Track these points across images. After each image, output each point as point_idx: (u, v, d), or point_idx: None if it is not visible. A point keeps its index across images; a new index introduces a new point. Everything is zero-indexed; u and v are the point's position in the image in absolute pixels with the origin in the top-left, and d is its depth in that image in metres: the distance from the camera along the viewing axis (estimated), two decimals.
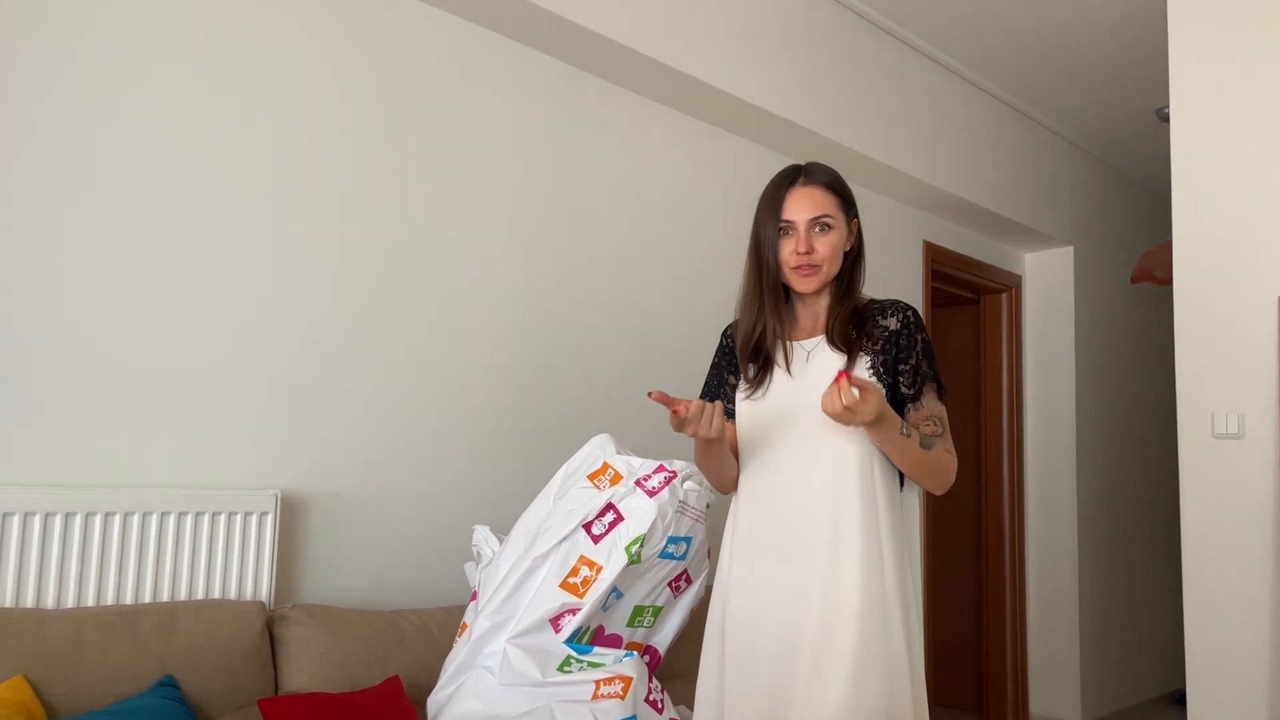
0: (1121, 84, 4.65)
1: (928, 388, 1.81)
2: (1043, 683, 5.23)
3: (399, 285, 2.74)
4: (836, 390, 1.57)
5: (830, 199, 1.82)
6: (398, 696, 2.10)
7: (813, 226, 1.80)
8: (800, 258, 1.79)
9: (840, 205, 1.84)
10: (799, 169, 1.85)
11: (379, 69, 2.74)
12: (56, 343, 2.15)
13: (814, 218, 1.80)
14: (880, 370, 1.81)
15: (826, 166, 1.87)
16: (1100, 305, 5.59)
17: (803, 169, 1.85)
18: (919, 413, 1.80)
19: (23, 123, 2.13)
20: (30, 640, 1.88)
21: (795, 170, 1.85)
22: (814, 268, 1.80)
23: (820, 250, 1.80)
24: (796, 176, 1.83)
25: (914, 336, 1.83)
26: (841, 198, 1.85)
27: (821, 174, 1.84)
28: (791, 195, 1.81)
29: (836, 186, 1.85)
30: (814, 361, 1.83)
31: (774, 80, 3.60)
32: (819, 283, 1.82)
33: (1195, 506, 3.20)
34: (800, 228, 1.80)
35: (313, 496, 2.54)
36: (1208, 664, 3.12)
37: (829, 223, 1.81)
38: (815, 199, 1.81)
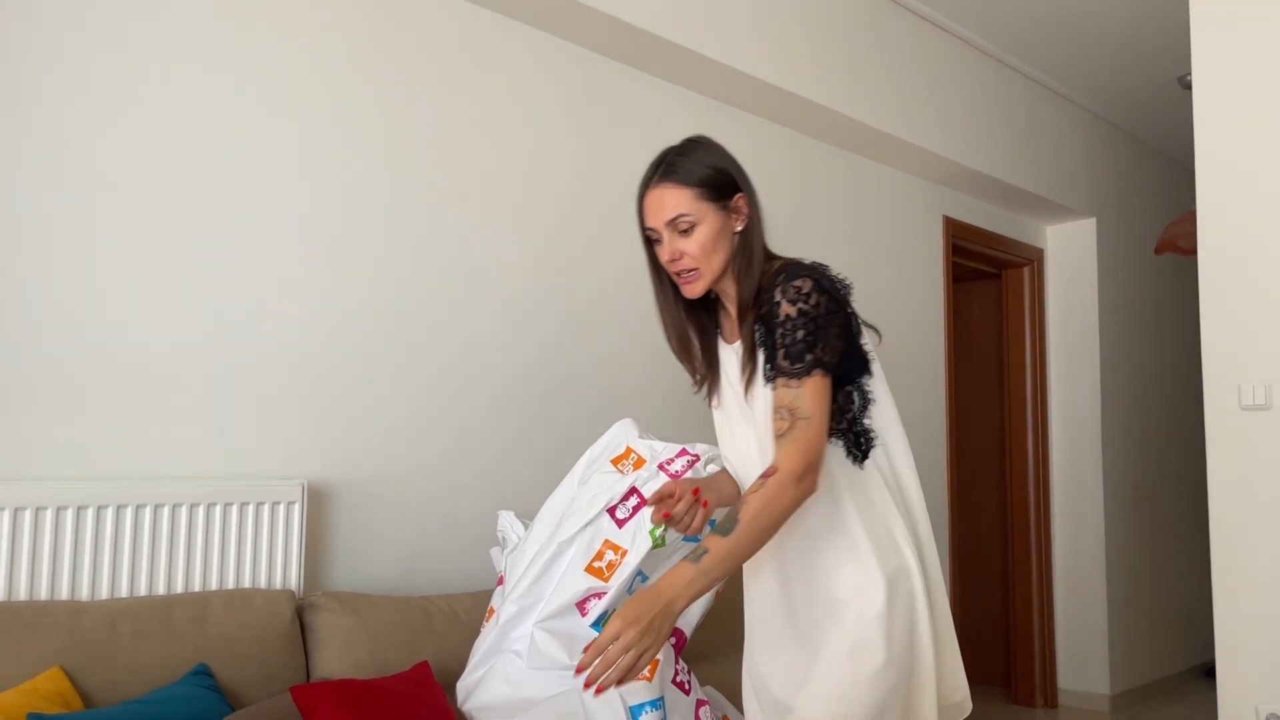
0: (1142, 52, 4.59)
1: (778, 382, 1.56)
2: (1070, 657, 5.22)
3: (422, 275, 2.75)
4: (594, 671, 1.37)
5: (683, 194, 1.62)
6: (428, 681, 2.13)
7: (674, 231, 1.63)
8: (671, 265, 1.65)
9: (701, 195, 1.63)
10: (658, 163, 1.66)
11: (396, 56, 2.74)
12: (84, 338, 2.17)
13: (670, 221, 1.62)
14: (767, 370, 1.62)
15: (690, 147, 1.67)
16: (1124, 277, 5.54)
17: (661, 163, 1.66)
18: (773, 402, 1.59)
19: (46, 118, 2.14)
20: (66, 632, 1.91)
21: (654, 166, 1.67)
22: (692, 271, 1.64)
23: (689, 251, 1.62)
24: (651, 176, 1.66)
25: (774, 320, 1.58)
26: (702, 185, 1.63)
27: (672, 167, 1.64)
28: (646, 200, 1.65)
29: (694, 176, 1.63)
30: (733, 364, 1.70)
31: (791, 58, 3.57)
32: (704, 285, 1.65)
33: (1222, 478, 3.18)
34: (663, 233, 1.64)
35: (339, 485, 2.56)
36: (1237, 636, 3.10)
37: (689, 221, 1.62)
38: (665, 200, 1.62)
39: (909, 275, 4.49)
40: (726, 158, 1.69)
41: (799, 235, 3.93)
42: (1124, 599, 5.30)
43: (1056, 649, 5.24)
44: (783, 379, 1.55)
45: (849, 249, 4.17)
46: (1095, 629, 5.16)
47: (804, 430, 1.52)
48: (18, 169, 2.11)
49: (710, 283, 1.66)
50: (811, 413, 1.53)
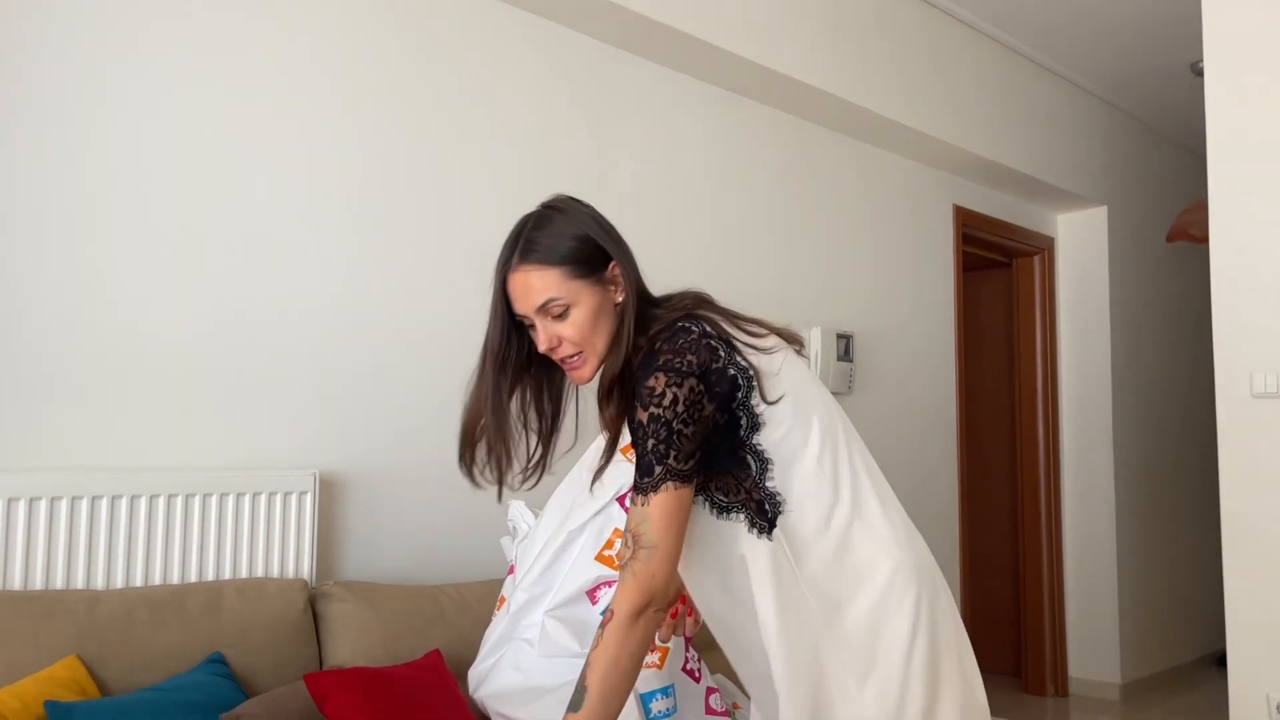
0: (1154, 38, 4.56)
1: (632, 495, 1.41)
2: (1081, 646, 5.22)
3: (432, 265, 2.76)
4: None
5: (551, 274, 1.45)
6: (439, 669, 2.14)
7: (546, 316, 1.46)
8: (551, 353, 1.49)
9: (570, 273, 1.46)
10: (516, 237, 1.50)
11: (408, 50, 2.74)
12: (99, 330, 2.19)
13: (540, 307, 1.46)
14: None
15: (550, 216, 1.51)
16: (1135, 265, 5.52)
17: (519, 237, 1.50)
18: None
19: (64, 110, 2.16)
20: (83, 620, 1.93)
21: (512, 240, 1.50)
22: (575, 357, 1.48)
23: (568, 336, 1.46)
24: (510, 255, 1.49)
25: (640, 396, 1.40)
26: (568, 263, 1.46)
27: (531, 245, 1.47)
28: (509, 285, 1.48)
29: (556, 253, 1.46)
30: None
31: (801, 48, 3.57)
32: (592, 369, 1.49)
33: (1233, 466, 3.17)
34: (535, 320, 1.47)
35: (351, 476, 2.58)
36: (1248, 625, 3.10)
37: (561, 305, 1.45)
38: (530, 284, 1.45)
39: (919, 264, 4.48)
40: (591, 222, 1.52)
41: (810, 225, 3.93)
42: (1135, 588, 5.29)
43: (1067, 638, 5.24)
44: (636, 493, 1.40)
45: (859, 238, 4.17)
46: (1106, 618, 5.15)
47: (644, 562, 1.36)
48: (35, 160, 2.12)
49: (599, 363, 1.49)
50: (657, 540, 1.36)
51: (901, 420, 4.34)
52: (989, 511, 5.48)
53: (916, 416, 4.43)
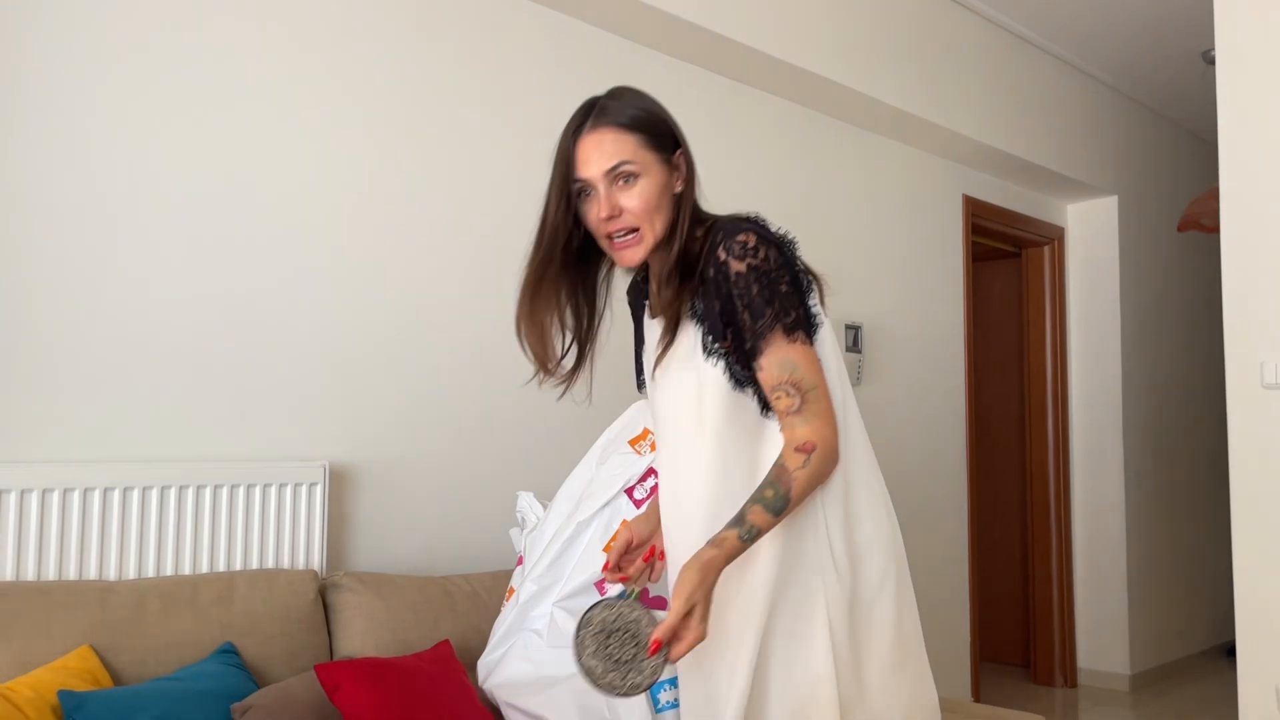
0: (1165, 26, 4.54)
1: (766, 342, 1.40)
2: (1091, 636, 5.22)
3: (443, 259, 2.77)
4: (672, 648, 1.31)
5: (628, 139, 1.42)
6: (449, 660, 2.15)
7: (614, 181, 1.43)
8: (608, 223, 1.44)
9: (645, 143, 1.44)
10: (589, 108, 1.47)
11: (417, 40, 2.74)
12: (110, 322, 2.20)
13: (610, 168, 1.42)
14: (708, 340, 1.45)
15: (626, 94, 1.48)
16: (1146, 255, 5.50)
17: (594, 107, 1.46)
18: (767, 381, 1.42)
19: (70, 101, 2.17)
20: (95, 611, 1.95)
21: (585, 110, 1.47)
22: (632, 234, 1.44)
23: (631, 207, 1.43)
24: (584, 120, 1.45)
25: (725, 284, 1.41)
26: (645, 132, 1.44)
27: (614, 111, 1.44)
28: (579, 147, 1.44)
29: (636, 121, 1.44)
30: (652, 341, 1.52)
31: (809, 37, 3.56)
32: (644, 252, 1.45)
33: (1244, 457, 3.16)
34: (599, 185, 1.43)
35: (361, 467, 2.59)
36: (1258, 615, 3.10)
37: (631, 170, 1.42)
38: (607, 144, 1.42)
39: (928, 254, 4.47)
40: (663, 108, 1.51)
41: (817, 214, 3.92)
42: (1144, 578, 5.29)
43: (1076, 628, 5.24)
44: (762, 341, 1.41)
45: (868, 228, 4.16)
46: (1115, 608, 5.15)
47: (818, 400, 1.40)
48: (41, 152, 2.13)
49: (651, 249, 1.46)
50: (815, 380, 1.41)
51: (910, 411, 4.33)
52: (998, 502, 5.48)
53: (925, 407, 4.42)
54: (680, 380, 1.47)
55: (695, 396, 1.46)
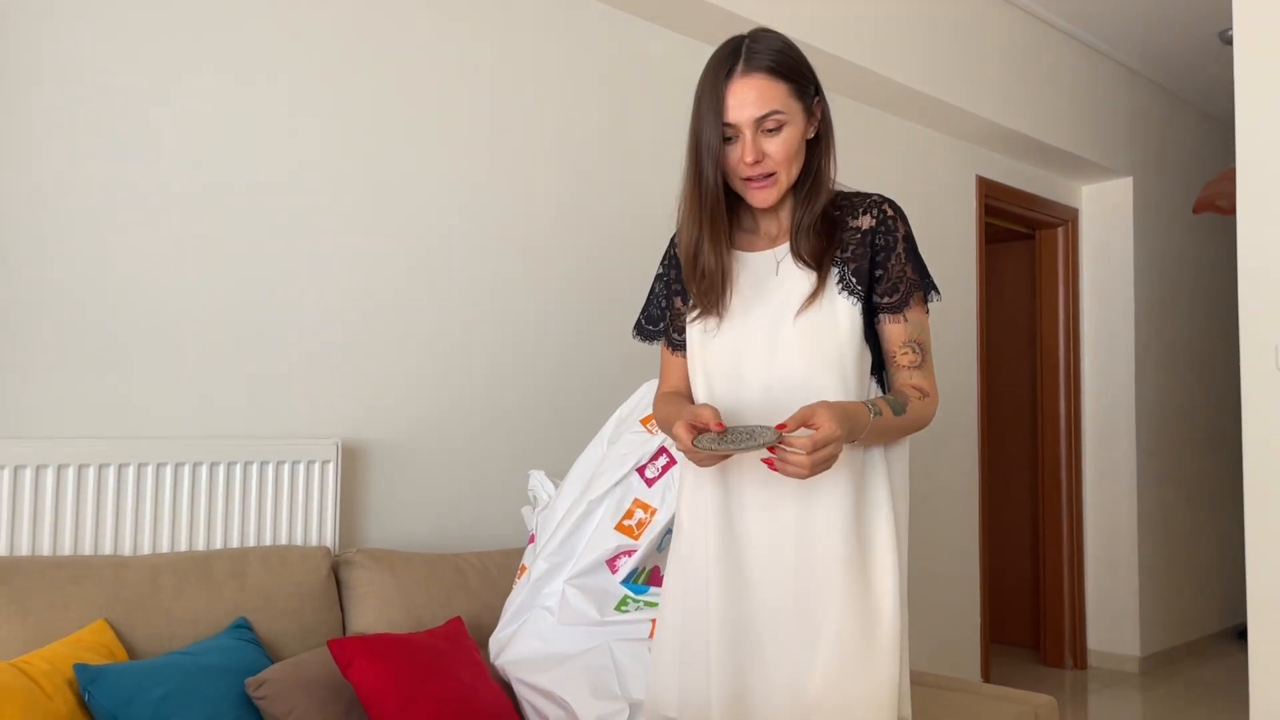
0: (1182, 6, 4.49)
1: (914, 299, 1.54)
2: (1101, 618, 5.22)
3: (453, 236, 2.77)
4: (786, 456, 1.36)
5: (778, 87, 1.47)
6: (461, 636, 2.16)
7: (760, 127, 1.48)
8: (750, 168, 1.49)
9: (793, 91, 1.49)
10: (736, 49, 1.49)
11: (423, 12, 2.73)
12: (124, 298, 2.21)
13: (760, 116, 1.47)
14: (852, 282, 1.53)
15: (771, 38, 1.51)
16: (1161, 237, 5.46)
17: (741, 49, 1.49)
18: (897, 335, 1.54)
19: (70, 76, 2.17)
20: (110, 586, 1.96)
21: (733, 52, 1.49)
22: (769, 177, 1.50)
23: (774, 154, 1.48)
24: (735, 63, 1.48)
25: (893, 235, 1.53)
26: (793, 80, 1.49)
27: (764, 55, 1.48)
28: (730, 91, 1.47)
29: (785, 68, 1.48)
30: (783, 276, 1.54)
31: (822, 15, 3.53)
32: (778, 194, 1.52)
33: (1257, 440, 3.14)
34: (745, 131, 1.47)
35: (373, 445, 2.59)
36: (1269, 598, 3.09)
37: (780, 120, 1.48)
38: (759, 92, 1.46)
39: (941, 236, 4.45)
40: (804, 55, 1.54)
41: None
42: (1155, 560, 5.28)
43: (1086, 610, 5.24)
44: (918, 294, 1.54)
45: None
46: (1126, 590, 5.14)
47: (930, 364, 1.57)
48: (42, 126, 2.13)
49: (783, 193, 1.53)
50: (929, 346, 1.58)
51: None
52: (1009, 483, 5.47)
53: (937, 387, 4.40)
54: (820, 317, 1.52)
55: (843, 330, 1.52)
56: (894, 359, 1.55)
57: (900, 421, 1.50)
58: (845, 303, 1.52)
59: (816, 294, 1.51)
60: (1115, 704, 4.60)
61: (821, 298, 1.51)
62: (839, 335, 1.51)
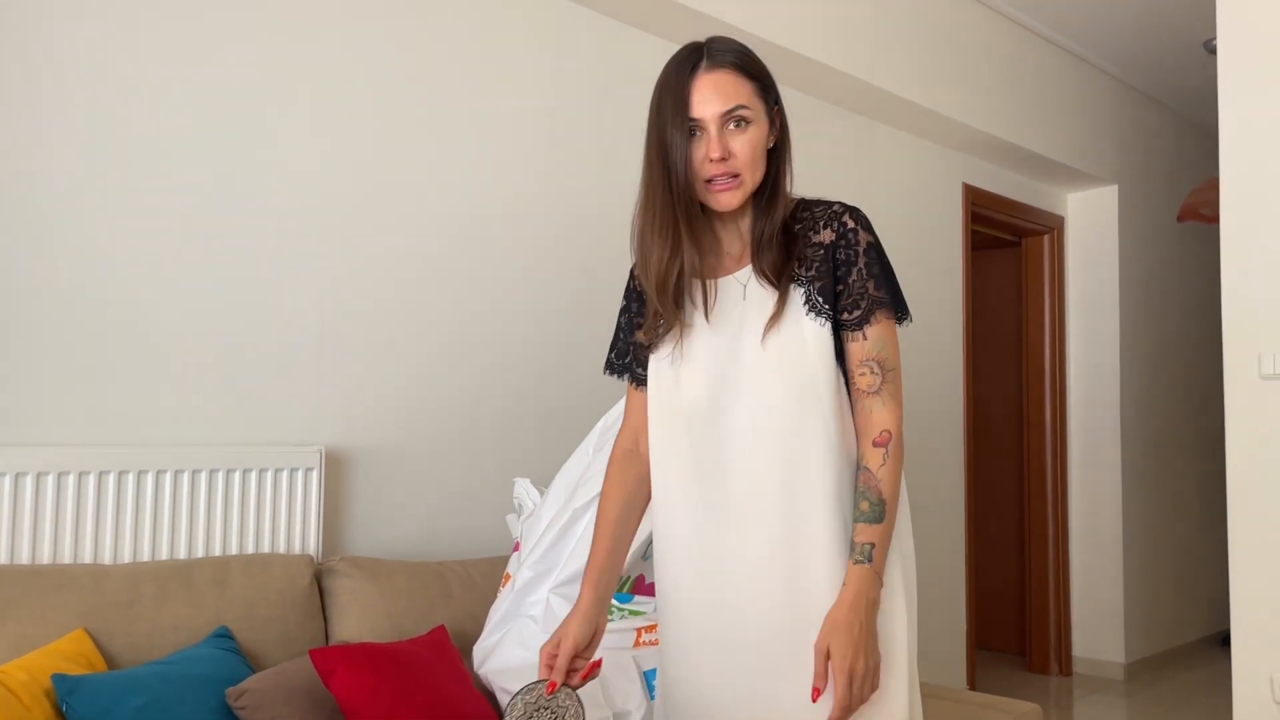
0: (1167, 16, 4.52)
1: (876, 315, 1.45)
2: (1086, 625, 5.23)
3: (438, 243, 2.76)
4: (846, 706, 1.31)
5: (745, 84, 1.43)
6: (444, 645, 2.15)
7: (726, 123, 1.41)
8: (715, 166, 1.41)
9: (758, 91, 1.44)
10: (698, 49, 1.45)
11: (410, 20, 2.72)
12: (106, 307, 2.19)
13: (727, 111, 1.40)
14: (818, 301, 1.45)
15: (731, 40, 1.47)
16: (1146, 245, 5.49)
17: (703, 49, 1.45)
18: (856, 353, 1.45)
19: (62, 82, 2.15)
20: (90, 595, 1.95)
21: (694, 50, 1.45)
22: (734, 177, 1.42)
23: (739, 153, 1.41)
24: (699, 59, 1.43)
25: (854, 248, 1.46)
26: (758, 80, 1.45)
27: (729, 53, 1.44)
28: (697, 84, 1.41)
29: (750, 67, 1.45)
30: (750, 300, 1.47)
31: (809, 23, 3.54)
32: (742, 196, 1.44)
33: (1241, 448, 3.16)
34: (710, 127, 1.41)
35: (357, 452, 2.58)
36: (1253, 605, 3.10)
37: (746, 115, 1.42)
38: (726, 85, 1.41)
39: (928, 243, 4.46)
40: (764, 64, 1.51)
41: None
42: (1140, 567, 5.29)
43: (1072, 616, 5.25)
44: (881, 311, 1.45)
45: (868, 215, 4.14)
46: (1111, 597, 5.16)
47: (893, 384, 1.46)
48: (35, 134, 2.12)
49: (747, 196, 1.45)
50: (895, 363, 1.47)
51: (908, 398, 4.33)
52: (995, 490, 5.48)
53: (923, 395, 4.42)
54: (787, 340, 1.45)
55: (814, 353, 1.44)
56: (853, 380, 1.46)
57: (890, 517, 1.41)
58: (813, 324, 1.45)
59: (778, 315, 1.45)
60: (1100, 710, 4.61)
61: (786, 318, 1.45)
62: (809, 359, 1.44)
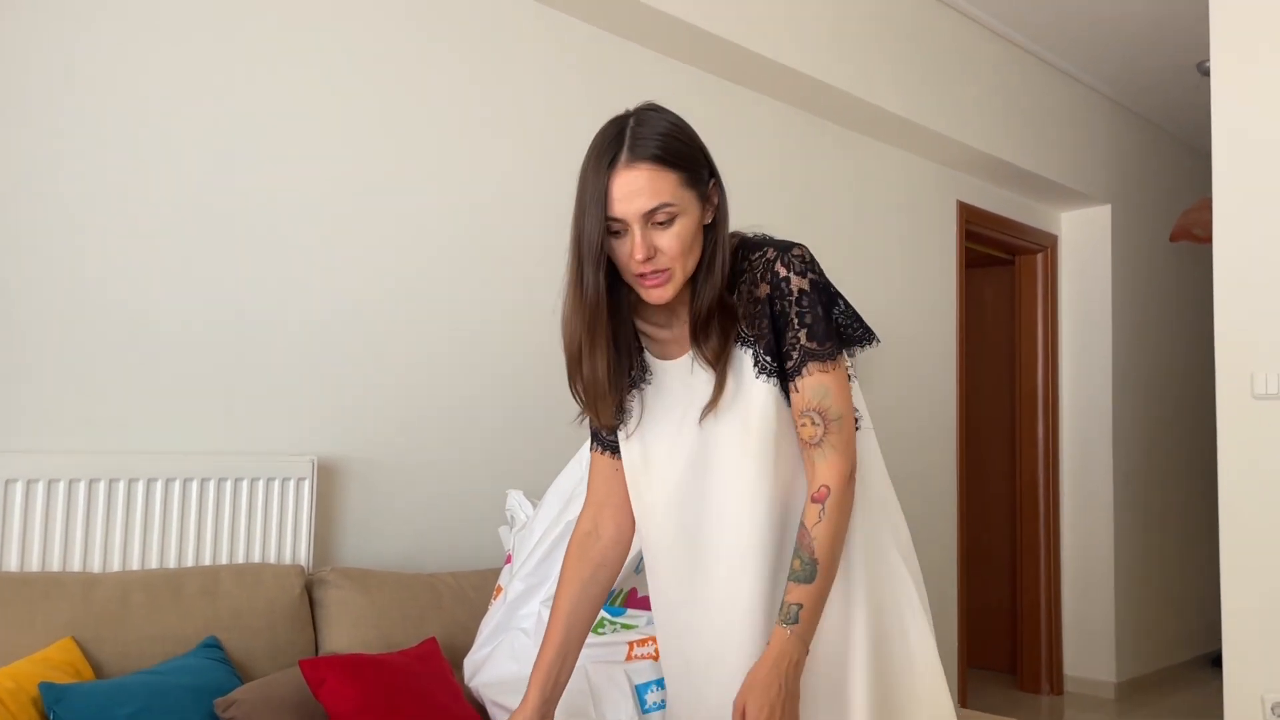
0: (1161, 37, 4.55)
1: (809, 367, 1.39)
2: (1077, 644, 5.23)
3: (433, 255, 2.76)
4: None
5: (668, 177, 1.34)
6: (435, 657, 2.14)
7: (649, 221, 1.34)
8: (640, 265, 1.35)
9: (684, 180, 1.36)
10: (620, 134, 1.36)
11: (414, 33, 2.73)
12: (97, 312, 2.18)
13: (649, 210, 1.33)
14: (766, 361, 1.41)
15: (657, 119, 1.38)
16: (1138, 264, 5.51)
17: (625, 134, 1.35)
18: (796, 404, 1.40)
19: (56, 87, 2.15)
20: (79, 603, 1.93)
21: (616, 138, 1.36)
22: (662, 273, 1.36)
23: (667, 249, 1.35)
24: (618, 151, 1.34)
25: (786, 298, 1.39)
26: (683, 168, 1.36)
27: (651, 141, 1.34)
28: (615, 181, 1.33)
29: (674, 154, 1.35)
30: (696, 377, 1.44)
31: (806, 41, 3.55)
32: (674, 290, 1.38)
33: (1233, 467, 3.17)
34: (634, 225, 1.34)
35: (349, 462, 2.57)
36: (1244, 625, 3.10)
37: (672, 212, 1.34)
38: (646, 182, 1.33)
39: (921, 260, 4.47)
40: (694, 134, 1.43)
41: (811, 219, 3.92)
42: (1132, 587, 5.29)
43: (1063, 636, 5.25)
44: (813, 363, 1.38)
45: (861, 233, 4.16)
46: (1102, 616, 5.16)
47: (838, 434, 1.38)
48: (28, 140, 2.12)
49: (680, 286, 1.39)
50: (841, 410, 1.39)
51: (901, 416, 4.33)
52: (987, 508, 5.48)
53: (916, 413, 4.42)
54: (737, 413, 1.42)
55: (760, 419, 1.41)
56: (798, 432, 1.41)
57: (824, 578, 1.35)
58: (763, 388, 1.41)
59: (715, 401, 1.41)
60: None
61: (730, 395, 1.41)
62: (756, 425, 1.41)
